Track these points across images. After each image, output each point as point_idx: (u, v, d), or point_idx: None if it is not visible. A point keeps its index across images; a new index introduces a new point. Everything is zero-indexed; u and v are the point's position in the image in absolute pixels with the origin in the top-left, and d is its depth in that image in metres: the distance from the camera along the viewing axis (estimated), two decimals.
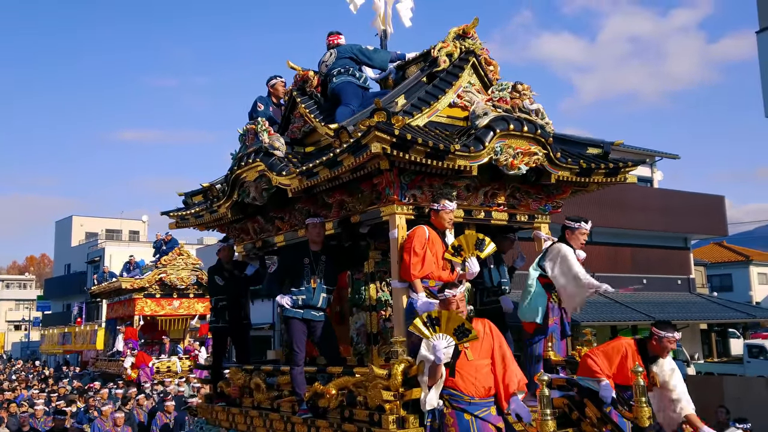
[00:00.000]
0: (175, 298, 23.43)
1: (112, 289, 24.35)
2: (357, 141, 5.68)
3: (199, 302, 23.59)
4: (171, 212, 8.54)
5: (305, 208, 7.14)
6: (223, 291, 7.95)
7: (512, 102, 6.22)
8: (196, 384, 17.82)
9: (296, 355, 6.57)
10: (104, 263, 41.67)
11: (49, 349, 41.10)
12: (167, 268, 23.21)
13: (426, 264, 5.95)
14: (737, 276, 38.04)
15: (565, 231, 6.57)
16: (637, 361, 5.76)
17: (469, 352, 5.26)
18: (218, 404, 7.94)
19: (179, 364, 21.81)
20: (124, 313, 23.76)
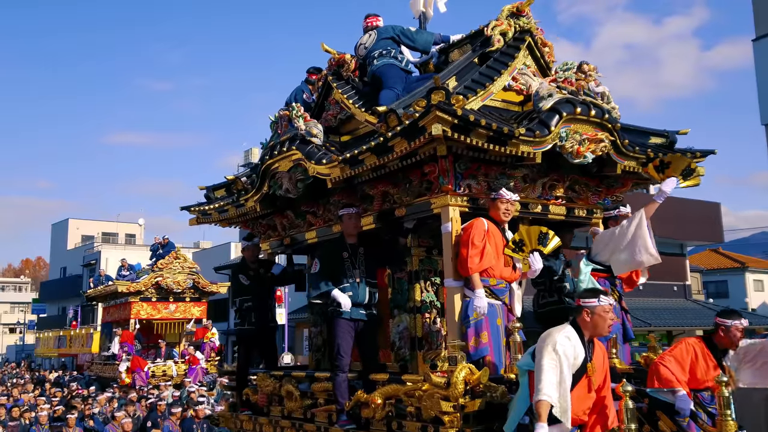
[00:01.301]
0: (171, 301, 22.93)
1: (108, 293, 23.82)
2: (413, 123, 5.00)
3: (195, 306, 23.20)
4: (192, 207, 7.82)
5: (342, 200, 6.45)
6: (249, 291, 7.24)
7: (577, 84, 5.57)
8: (192, 388, 17.29)
9: (341, 360, 5.86)
10: (100, 266, 40.79)
11: (45, 352, 40.24)
12: (164, 271, 22.69)
13: (485, 257, 5.28)
14: (733, 283, 37.54)
15: (608, 222, 6.19)
16: (709, 361, 5.14)
17: (594, 377, 4.50)
18: (244, 413, 7.22)
19: (175, 369, 21.30)
20: (120, 317, 23.18)
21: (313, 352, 7.29)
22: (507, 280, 5.46)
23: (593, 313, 4.49)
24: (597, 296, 4.54)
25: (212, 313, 26.38)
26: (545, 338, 4.60)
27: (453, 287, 5.44)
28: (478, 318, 5.28)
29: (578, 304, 4.62)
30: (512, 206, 5.48)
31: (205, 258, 37.40)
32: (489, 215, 5.48)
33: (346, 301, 5.81)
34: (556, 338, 4.50)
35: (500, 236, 5.43)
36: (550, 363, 4.36)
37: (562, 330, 4.59)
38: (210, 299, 24.36)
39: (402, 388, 5.46)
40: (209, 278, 25.09)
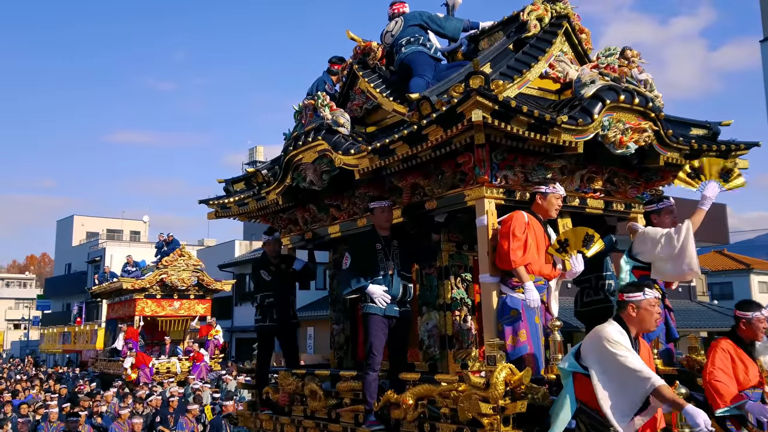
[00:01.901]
0: (175, 299, 22.76)
1: (112, 290, 23.63)
2: (451, 109, 4.70)
3: (199, 303, 23.06)
4: (210, 200, 7.52)
5: (368, 193, 6.15)
6: (270, 287, 6.93)
7: (620, 70, 5.26)
8: (196, 385, 17.07)
9: (374, 359, 5.54)
10: (105, 263, 40.58)
11: (49, 348, 40.04)
12: (168, 269, 22.51)
13: (529, 251, 5.00)
14: (738, 284, 37.08)
15: (650, 216, 5.76)
16: (744, 359, 4.87)
17: None
18: (264, 412, 6.92)
19: (179, 365, 21.18)
20: (125, 314, 22.98)
21: (335, 350, 6.99)
22: (546, 277, 5.17)
23: (639, 308, 4.23)
24: (642, 289, 4.28)
25: (216, 310, 26.22)
26: (596, 336, 4.32)
27: (489, 283, 5.14)
28: (517, 315, 4.99)
29: (622, 299, 4.34)
30: (560, 203, 5.19)
31: (210, 255, 37.16)
32: (531, 209, 5.18)
33: (382, 295, 5.48)
34: (608, 330, 4.24)
35: (542, 231, 5.14)
36: (624, 351, 4.09)
37: (609, 325, 4.31)
38: (214, 297, 24.21)
39: (436, 388, 5.15)
40: (213, 276, 24.92)
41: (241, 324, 35.38)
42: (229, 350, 33.26)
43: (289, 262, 7.18)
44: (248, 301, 35.15)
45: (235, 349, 35.92)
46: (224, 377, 19.53)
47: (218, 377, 20.14)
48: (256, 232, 51.17)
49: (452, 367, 5.74)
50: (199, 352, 21.42)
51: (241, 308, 36.00)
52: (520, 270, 4.98)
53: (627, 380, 4.07)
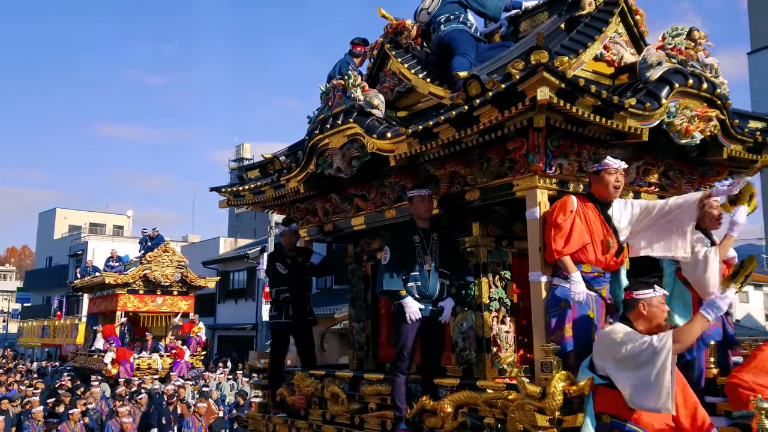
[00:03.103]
0: (158, 294, 22.17)
1: (94, 284, 22.97)
2: (511, 87, 4.15)
3: (182, 300, 22.50)
4: (223, 188, 6.90)
5: (399, 182, 5.59)
6: (286, 281, 6.33)
7: (686, 53, 4.75)
8: (178, 382, 16.47)
9: (403, 361, 4.99)
10: (87, 257, 39.54)
11: (28, 341, 38.85)
12: (152, 264, 21.92)
13: (573, 239, 4.43)
14: None
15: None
16: None
17: None
18: (278, 415, 6.31)
19: (160, 362, 20.49)
20: (107, 308, 22.35)
21: (355, 350, 6.39)
22: (605, 267, 4.58)
23: (650, 305, 3.95)
24: (651, 287, 4.02)
25: (199, 307, 25.65)
26: (603, 339, 4.03)
27: (539, 282, 4.59)
28: (565, 308, 4.43)
29: (631, 297, 4.03)
30: (622, 177, 4.61)
31: (194, 252, 36.35)
32: (590, 194, 4.64)
33: (414, 312, 4.92)
34: (615, 329, 3.95)
35: (598, 216, 4.56)
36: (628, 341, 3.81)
37: (616, 326, 4.01)
38: (197, 293, 23.62)
39: (480, 395, 4.60)
40: (197, 272, 24.32)
41: (224, 322, 34.66)
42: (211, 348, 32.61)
43: (307, 255, 6.58)
44: (232, 298, 34.47)
45: (217, 347, 35.15)
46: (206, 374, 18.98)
47: (198, 375, 19.58)
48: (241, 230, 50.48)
49: (489, 373, 5.18)
50: (181, 348, 20.84)
51: (224, 306, 35.28)
52: (564, 260, 4.44)
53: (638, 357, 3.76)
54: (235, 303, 34.25)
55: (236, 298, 34.28)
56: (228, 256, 35.45)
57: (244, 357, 28.84)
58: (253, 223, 48.10)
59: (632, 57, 5.25)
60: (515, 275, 5.46)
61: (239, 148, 51.00)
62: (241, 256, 32.61)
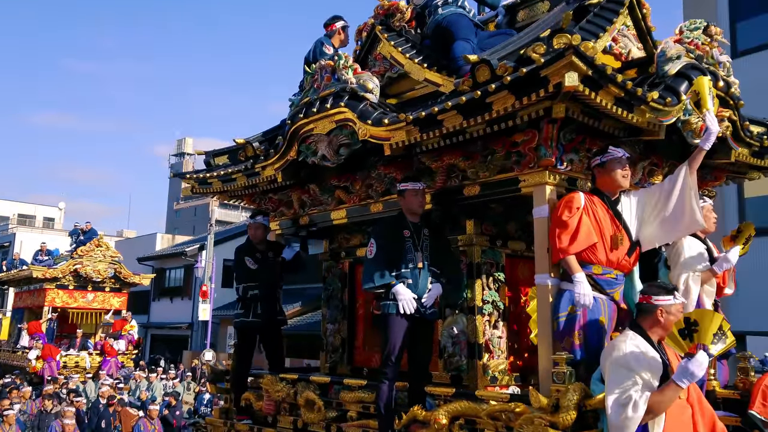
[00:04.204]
0: (89, 290, 20.92)
1: (21, 277, 21.54)
2: (533, 72, 3.75)
3: (115, 297, 21.35)
4: (187, 174, 6.28)
5: (389, 174, 5.12)
6: (255, 277, 5.75)
7: (702, 48, 4.46)
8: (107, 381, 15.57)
9: (390, 367, 4.51)
10: (14, 249, 37.46)
11: None
12: (84, 259, 20.68)
13: (580, 237, 4.02)
14: None
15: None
16: None
17: None
18: (242, 422, 5.72)
19: (88, 360, 19.38)
20: (34, 303, 21.01)
21: (328, 353, 5.87)
22: (618, 268, 4.18)
23: (669, 313, 3.56)
24: (672, 293, 3.63)
25: (132, 304, 24.55)
26: (607, 353, 3.65)
27: (545, 285, 4.19)
28: (574, 313, 4.04)
29: (647, 301, 3.62)
30: (628, 167, 4.23)
31: (129, 247, 34.87)
32: (595, 188, 4.27)
33: (409, 301, 4.45)
34: (620, 346, 3.55)
35: (607, 212, 4.19)
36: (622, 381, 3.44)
37: (622, 340, 3.60)
38: (131, 290, 22.54)
39: (481, 407, 4.17)
40: (132, 269, 23.23)
41: (159, 320, 33.34)
42: (143, 347, 31.37)
43: (278, 250, 6.02)
44: (167, 296, 33.23)
45: (150, 346, 33.82)
46: (136, 373, 18.08)
47: (128, 374, 18.63)
48: (180, 226, 48.74)
49: (481, 380, 4.77)
50: (112, 347, 19.79)
51: (159, 303, 33.94)
52: (569, 260, 4.01)
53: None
54: (171, 301, 33.04)
55: (172, 296, 33.06)
56: (165, 252, 34.17)
57: (178, 357, 27.81)
58: (192, 220, 46.57)
59: (639, 52, 4.95)
60: (507, 277, 5.08)
61: (181, 142, 49.36)
62: (179, 253, 31.46)
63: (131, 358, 20.60)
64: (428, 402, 4.59)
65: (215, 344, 27.60)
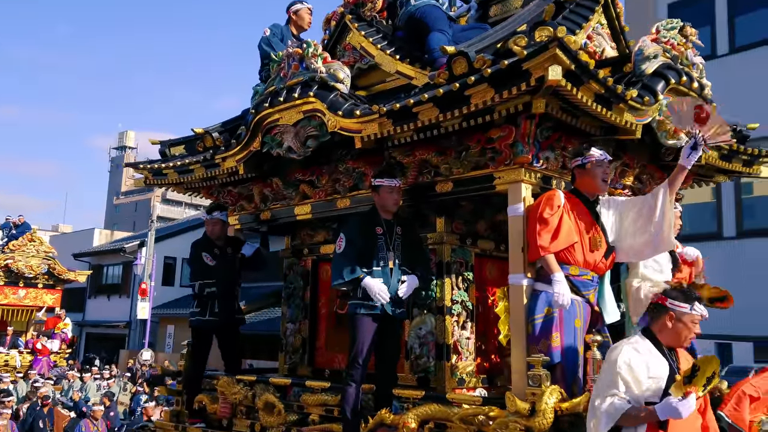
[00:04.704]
0: (21, 287, 19.94)
1: None
2: (515, 64, 3.64)
3: (48, 294, 20.39)
4: (141, 164, 5.95)
5: (358, 169, 4.94)
6: (213, 274, 5.48)
7: (677, 48, 4.44)
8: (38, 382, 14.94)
9: (357, 369, 4.33)
10: None
11: None
12: (15, 254, 19.67)
13: (561, 236, 3.94)
14: None
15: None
16: None
17: None
18: (195, 425, 5.44)
19: (18, 358, 18.45)
20: None
21: (288, 354, 5.64)
22: (594, 270, 4.10)
23: (678, 321, 3.35)
24: (691, 301, 3.36)
25: (67, 302, 23.67)
26: (609, 353, 3.47)
27: (521, 285, 4.08)
28: (550, 314, 3.94)
29: (662, 303, 3.41)
30: (609, 169, 4.19)
31: (64, 243, 33.63)
32: (574, 189, 4.19)
33: (380, 292, 4.28)
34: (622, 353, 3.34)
35: (586, 212, 4.10)
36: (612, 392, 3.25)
37: (626, 344, 3.42)
38: (66, 287, 21.67)
39: (452, 410, 4.03)
40: (67, 265, 22.32)
41: (94, 318, 32.27)
42: (78, 346, 30.30)
43: (237, 246, 5.77)
44: (104, 294, 32.22)
45: (85, 345, 32.72)
46: (68, 374, 17.41)
47: (61, 374, 17.93)
48: (119, 222, 47.30)
49: (449, 382, 4.64)
50: (44, 345, 18.99)
51: (95, 301, 32.85)
52: (548, 259, 3.91)
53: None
54: (108, 299, 32.02)
55: (109, 293, 32.05)
56: (102, 249, 33.10)
57: (115, 357, 26.98)
58: (132, 216, 45.28)
59: (612, 51, 4.92)
60: (475, 277, 4.97)
61: (123, 135, 47.88)
62: (117, 249, 30.53)
63: (64, 358, 19.88)
64: (395, 405, 4.44)
65: (154, 344, 26.95)
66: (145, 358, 21.51)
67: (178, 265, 30.49)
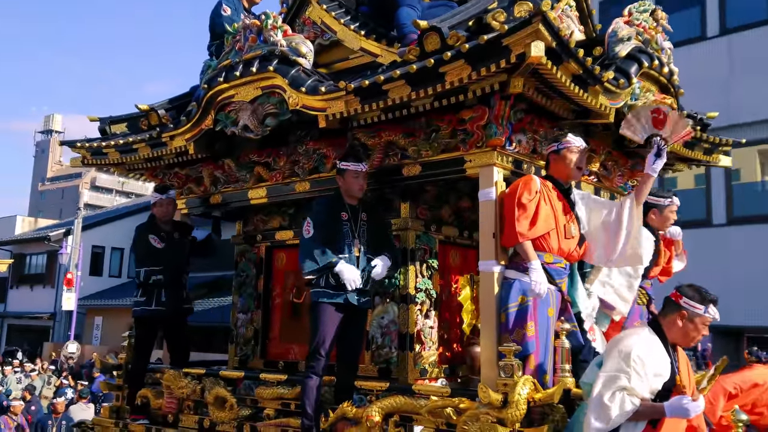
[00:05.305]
0: None
1: None
2: (495, 40, 3.46)
3: None
4: (79, 143, 5.50)
5: (319, 150, 4.68)
6: (160, 260, 5.10)
7: (649, 32, 4.35)
8: None
9: (319, 360, 4.08)
10: None
11: None
12: None
13: (540, 222, 3.79)
14: None
15: (650, 210, 4.55)
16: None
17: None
18: (137, 422, 5.07)
19: None
20: None
21: (239, 346, 5.32)
22: (568, 258, 3.97)
23: (689, 321, 3.24)
24: (707, 303, 3.24)
25: None
26: (614, 344, 3.35)
27: (492, 272, 3.90)
28: (525, 303, 3.79)
29: (676, 300, 3.30)
30: (584, 157, 4.07)
31: None
32: (548, 175, 4.05)
33: (354, 280, 4.04)
34: (631, 343, 3.23)
35: (561, 199, 3.96)
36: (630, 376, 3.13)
37: (636, 335, 3.31)
38: None
39: (419, 402, 3.84)
40: None
41: (17, 309, 30.80)
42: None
43: (185, 231, 5.40)
44: (27, 284, 30.79)
45: (6, 337, 31.21)
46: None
47: None
48: (44, 209, 45.20)
49: (411, 373, 4.45)
50: None
51: (18, 291, 31.32)
52: (526, 246, 3.76)
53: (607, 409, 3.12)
54: (31, 289, 30.57)
55: (32, 283, 30.59)
56: (25, 236, 31.58)
57: (38, 349, 25.81)
58: (59, 203, 43.29)
59: (581, 35, 4.79)
60: (442, 263, 4.79)
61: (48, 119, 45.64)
62: (42, 237, 29.13)
63: None
64: (356, 398, 4.22)
65: (80, 335, 25.96)
66: (70, 350, 20.59)
67: (107, 255, 29.45)
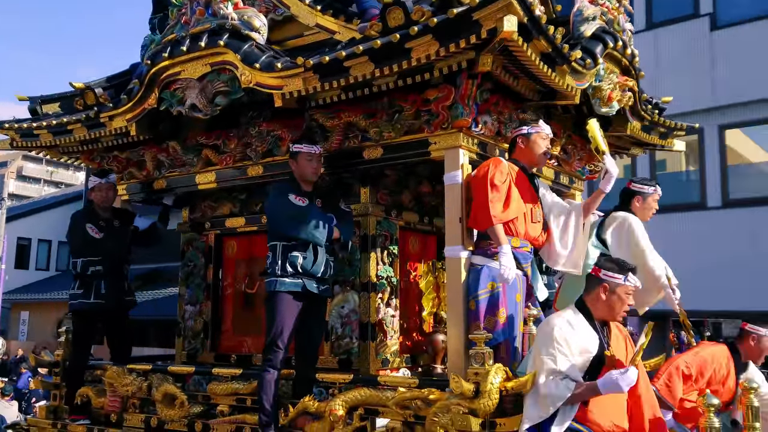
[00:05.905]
0: None
1: None
2: (464, 14, 3.28)
3: None
4: (7, 123, 5.03)
5: (273, 132, 4.40)
6: (99, 250, 4.72)
7: (612, 12, 4.25)
8: None
9: (276, 354, 3.84)
10: None
11: None
12: None
13: (512, 206, 3.67)
14: None
15: (634, 197, 4.42)
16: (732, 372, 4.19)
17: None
18: (77, 422, 4.70)
19: None
20: None
21: (187, 339, 5.00)
22: (533, 243, 3.87)
23: (613, 292, 3.28)
24: (625, 272, 3.30)
25: None
26: (542, 329, 3.42)
27: (459, 258, 3.74)
28: (495, 289, 3.65)
29: (596, 274, 3.33)
30: (549, 145, 3.97)
31: None
32: (513, 158, 3.91)
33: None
34: (556, 323, 3.30)
35: (528, 184, 3.86)
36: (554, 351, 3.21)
37: (559, 317, 3.36)
38: None
39: (385, 395, 3.65)
40: None
41: None
42: None
43: (126, 219, 5.03)
44: None
45: None
46: None
47: None
48: None
49: (373, 363, 4.26)
50: None
51: None
52: (497, 229, 3.60)
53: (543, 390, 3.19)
54: None
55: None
56: None
57: None
58: None
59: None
60: (403, 250, 4.61)
61: None
62: None
63: None
64: (315, 391, 4.00)
65: (6, 331, 24.80)
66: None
67: (34, 247, 28.10)
